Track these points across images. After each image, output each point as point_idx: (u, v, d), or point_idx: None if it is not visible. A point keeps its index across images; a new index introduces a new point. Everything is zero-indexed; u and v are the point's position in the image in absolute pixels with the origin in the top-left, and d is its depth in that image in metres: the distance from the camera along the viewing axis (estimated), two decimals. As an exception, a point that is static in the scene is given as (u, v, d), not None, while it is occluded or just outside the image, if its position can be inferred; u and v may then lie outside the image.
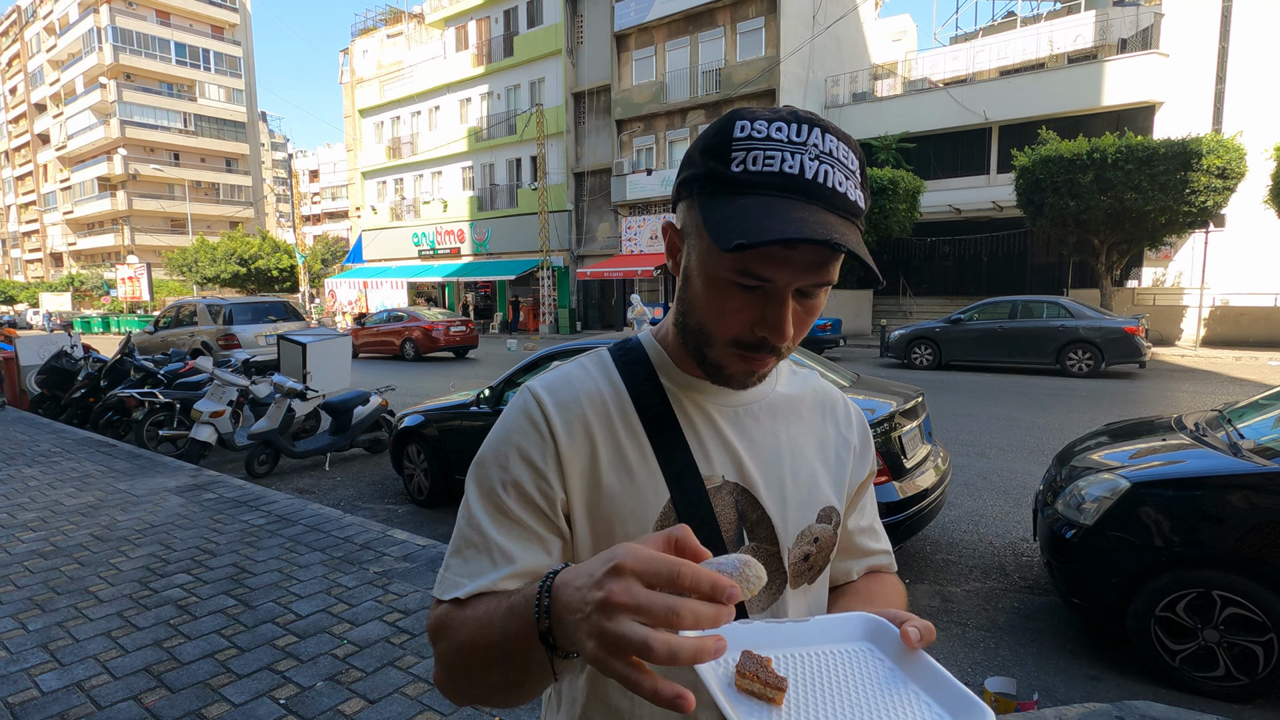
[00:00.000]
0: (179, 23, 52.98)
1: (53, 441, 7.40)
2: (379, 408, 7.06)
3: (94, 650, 2.97)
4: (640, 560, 0.48)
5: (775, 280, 0.65)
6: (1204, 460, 2.99)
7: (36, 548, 4.23)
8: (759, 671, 0.55)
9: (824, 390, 0.87)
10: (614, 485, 0.73)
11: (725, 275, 0.66)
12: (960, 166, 21.43)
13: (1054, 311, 12.35)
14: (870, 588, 0.86)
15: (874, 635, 0.65)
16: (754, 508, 0.76)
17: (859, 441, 0.86)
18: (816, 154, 0.64)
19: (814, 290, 0.68)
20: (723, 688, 0.55)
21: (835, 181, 0.64)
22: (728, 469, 0.75)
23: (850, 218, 0.66)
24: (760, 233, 0.60)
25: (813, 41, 22.27)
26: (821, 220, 0.62)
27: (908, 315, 20.94)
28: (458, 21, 30.11)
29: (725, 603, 0.46)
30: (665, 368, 0.78)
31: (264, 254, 36.18)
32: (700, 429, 0.76)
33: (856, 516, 0.87)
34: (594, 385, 0.76)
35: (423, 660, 2.85)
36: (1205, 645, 2.73)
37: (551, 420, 0.73)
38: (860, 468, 0.86)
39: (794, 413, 0.82)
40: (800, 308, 0.68)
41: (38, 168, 62.10)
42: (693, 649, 0.45)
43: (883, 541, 0.90)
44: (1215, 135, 14.45)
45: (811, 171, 0.63)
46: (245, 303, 13.84)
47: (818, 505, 0.79)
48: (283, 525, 4.57)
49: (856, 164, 0.67)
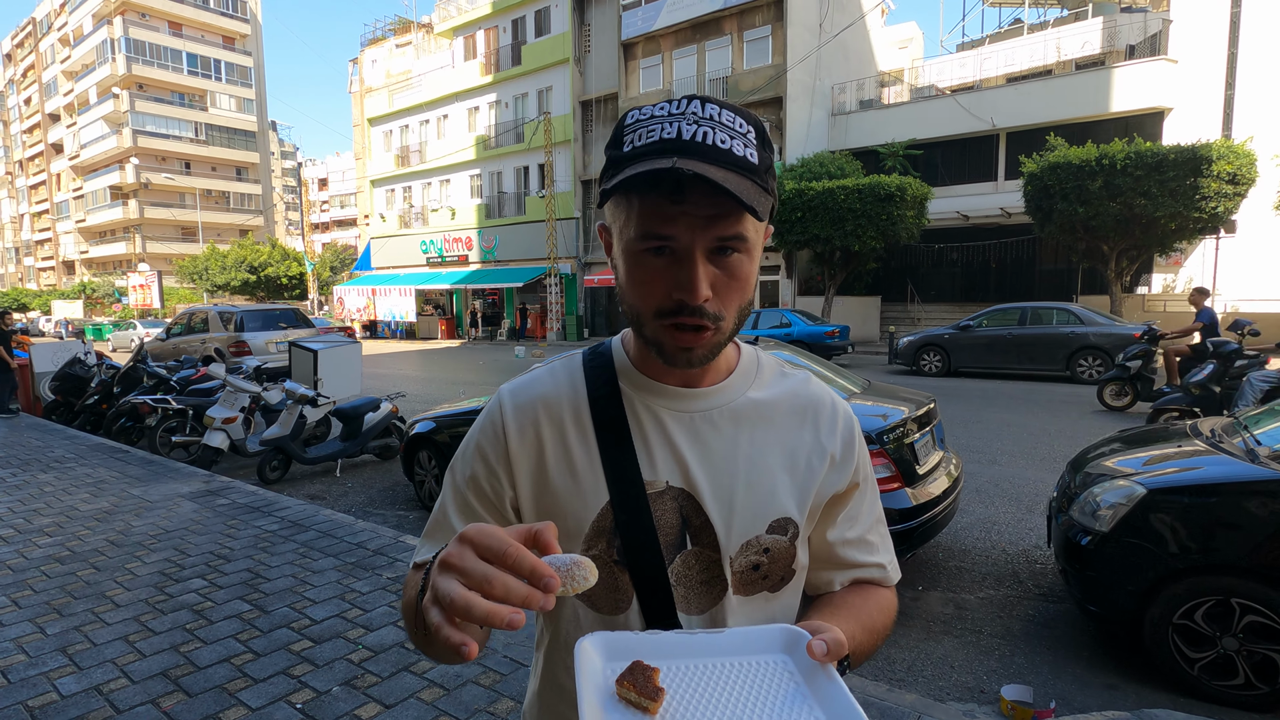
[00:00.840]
0: (191, 34, 53.59)
1: (67, 447, 7.46)
2: (389, 414, 7.09)
3: (112, 654, 2.99)
4: (480, 534, 0.52)
5: (676, 238, 0.67)
6: (1221, 467, 2.97)
7: (53, 552, 4.26)
8: (637, 681, 0.58)
9: (810, 395, 0.84)
10: (559, 484, 0.78)
11: (635, 248, 0.70)
12: (968, 173, 21.41)
13: (1064, 318, 12.30)
14: (844, 598, 0.83)
15: (791, 647, 0.64)
16: (698, 514, 0.76)
17: (840, 450, 0.82)
18: (695, 119, 0.68)
19: (726, 249, 0.69)
20: (599, 694, 0.58)
21: (717, 140, 0.67)
22: (672, 474, 0.77)
23: (740, 171, 0.67)
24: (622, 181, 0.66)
25: (819, 49, 22.33)
26: (717, 175, 0.64)
27: (916, 322, 20.88)
28: (466, 31, 30.36)
29: (541, 588, 0.50)
30: (626, 372, 0.81)
31: (273, 262, 36.43)
32: (650, 434, 0.78)
33: (842, 528, 0.84)
34: (555, 388, 0.81)
35: (438, 666, 2.85)
36: (1224, 653, 2.71)
37: (507, 421, 0.80)
38: (837, 478, 0.82)
39: (764, 419, 0.80)
40: (719, 271, 0.69)
41: (51, 177, 62.80)
42: (484, 609, 0.49)
43: (877, 554, 0.86)
44: (1225, 141, 14.39)
45: (689, 134, 0.66)
46: (256, 310, 13.94)
47: (770, 516, 0.77)
48: (296, 531, 4.60)
49: (747, 127, 0.69)
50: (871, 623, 0.80)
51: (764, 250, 0.77)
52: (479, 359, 19.69)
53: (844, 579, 0.85)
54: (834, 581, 0.85)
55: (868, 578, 0.86)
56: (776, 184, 0.75)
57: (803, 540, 0.81)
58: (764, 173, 0.69)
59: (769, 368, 0.85)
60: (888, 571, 0.87)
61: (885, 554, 0.87)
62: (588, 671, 0.60)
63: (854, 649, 0.73)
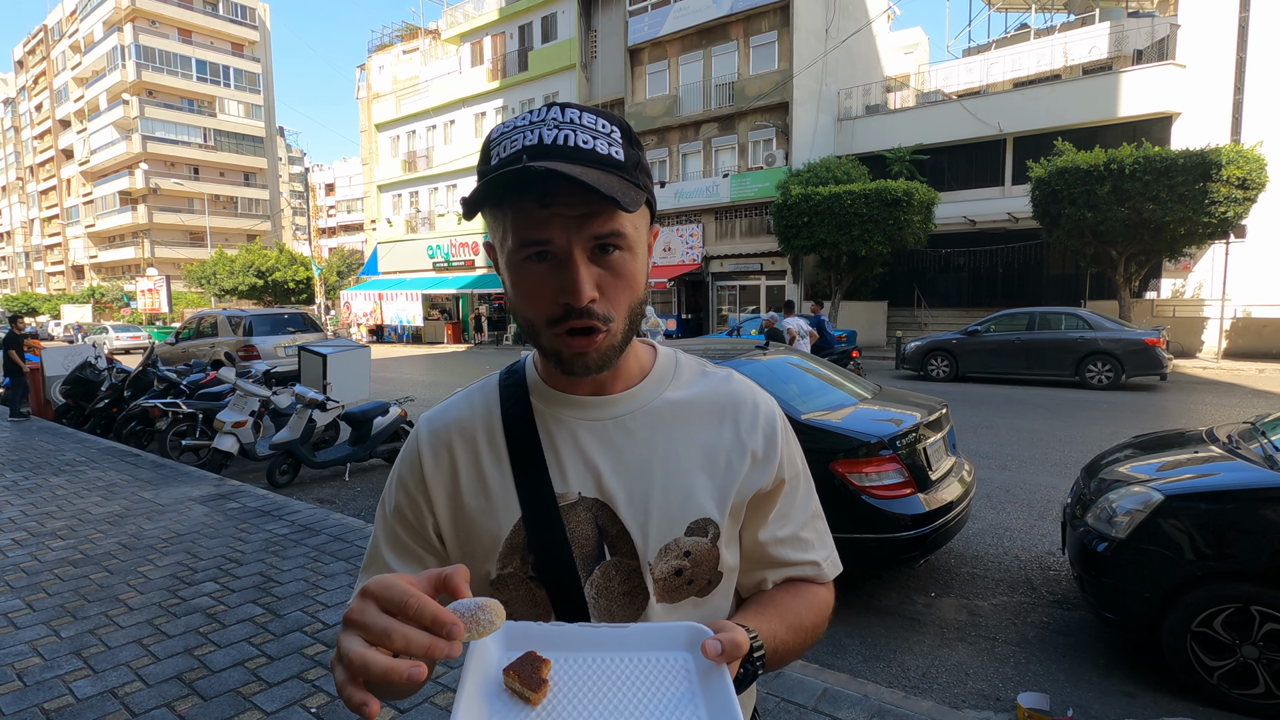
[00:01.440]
0: (200, 40, 54.03)
1: (77, 451, 7.50)
2: (398, 418, 7.10)
3: (126, 658, 3.00)
4: (382, 587, 0.53)
5: (553, 240, 0.67)
6: (1239, 473, 2.95)
7: (66, 555, 4.28)
8: (523, 671, 0.58)
9: (730, 393, 0.82)
10: (472, 505, 0.78)
11: (516, 258, 0.70)
12: (974, 178, 21.36)
13: (1073, 323, 12.24)
14: (772, 596, 0.81)
15: (693, 645, 0.63)
16: (613, 523, 0.76)
17: (762, 447, 0.80)
18: (556, 124, 0.68)
19: (606, 247, 0.68)
20: (486, 683, 0.59)
21: (578, 140, 0.67)
22: (585, 485, 0.76)
23: (603, 167, 0.67)
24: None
25: (826, 55, 22.35)
26: (575, 171, 0.64)
27: (923, 327, 20.81)
28: (473, 37, 30.52)
29: (445, 636, 0.51)
30: (537, 387, 0.81)
31: (281, 266, 36.60)
32: (561, 447, 0.77)
33: (773, 527, 0.82)
34: (470, 411, 0.82)
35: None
36: (1244, 662, 2.68)
37: (422, 448, 0.81)
38: (760, 476, 0.79)
39: (680, 419, 0.79)
40: (603, 271, 0.69)
41: (61, 182, 63.31)
42: (381, 667, 0.50)
43: (811, 551, 0.84)
44: (1235, 146, 14.32)
45: (550, 138, 0.67)
46: (264, 314, 14.00)
47: (689, 517, 0.76)
48: (306, 535, 4.60)
49: (610, 128, 0.70)
50: (799, 621, 0.78)
51: (769, 255, 0.77)
52: (485, 363, 19.74)
53: (776, 578, 0.83)
54: (767, 581, 0.83)
55: (801, 575, 0.84)
56: (650, 182, 0.74)
57: (727, 541, 0.79)
58: (632, 168, 0.69)
59: (688, 368, 0.84)
60: (822, 569, 0.85)
61: (820, 550, 0.85)
62: (479, 659, 0.60)
63: (776, 648, 0.73)
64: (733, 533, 0.80)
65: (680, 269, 23.91)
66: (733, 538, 0.81)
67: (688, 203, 23.99)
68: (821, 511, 0.87)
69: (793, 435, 0.85)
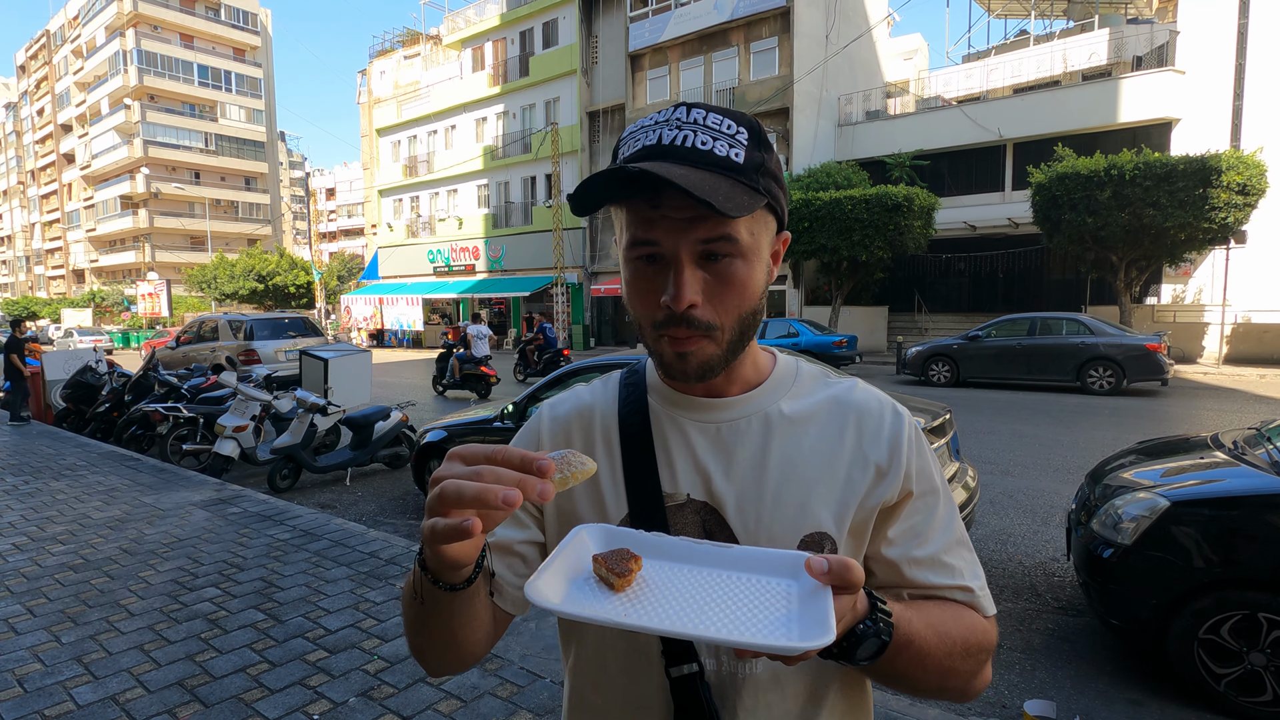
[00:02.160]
0: (202, 45, 54.21)
1: (78, 455, 7.49)
2: (400, 423, 7.09)
3: (127, 664, 2.98)
4: (466, 447, 0.55)
5: (661, 243, 0.67)
6: (1246, 479, 2.94)
7: (67, 560, 4.26)
8: (611, 560, 0.58)
9: (854, 403, 0.78)
10: (581, 495, 0.78)
11: (629, 256, 0.70)
12: (975, 183, 21.40)
13: (1074, 328, 12.25)
14: (914, 600, 0.74)
15: (798, 573, 0.59)
16: (721, 528, 0.74)
17: (886, 461, 0.74)
18: (678, 124, 0.68)
19: (714, 253, 0.67)
20: (570, 565, 0.59)
21: (696, 142, 0.67)
22: (694, 487, 0.75)
23: (718, 170, 0.66)
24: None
25: (826, 61, 22.42)
26: (674, 173, 0.63)
27: (923, 332, 20.82)
28: (474, 43, 30.61)
29: (535, 471, 0.51)
30: (654, 386, 0.81)
31: (281, 271, 36.65)
32: (673, 447, 0.77)
33: (906, 545, 0.75)
34: (590, 402, 0.83)
35: (453, 677, 2.83)
36: (1252, 669, 2.67)
37: (543, 430, 0.83)
38: (882, 490, 0.74)
39: (798, 428, 0.76)
40: (710, 276, 0.68)
41: (62, 186, 63.42)
42: (475, 490, 0.50)
43: (957, 577, 0.74)
44: (1235, 152, 14.35)
45: (669, 139, 0.67)
46: (265, 318, 14.00)
47: (802, 531, 0.72)
48: (308, 540, 4.59)
49: (737, 129, 0.69)
50: (943, 626, 0.70)
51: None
52: (486, 368, 19.69)
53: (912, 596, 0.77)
54: (902, 597, 0.76)
55: (950, 599, 0.75)
56: (779, 187, 0.72)
57: (873, 555, 0.75)
58: (751, 171, 0.67)
59: (809, 376, 0.81)
60: (976, 597, 0.75)
61: (971, 579, 0.75)
62: (572, 549, 0.60)
63: (909, 635, 0.65)
64: (853, 552, 0.75)
65: (681, 274, 23.94)
66: (853, 558, 0.75)
67: (688, 208, 24.00)
68: (969, 541, 0.78)
69: (927, 449, 0.78)
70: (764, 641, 0.52)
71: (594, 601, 0.56)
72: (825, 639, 0.51)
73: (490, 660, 2.95)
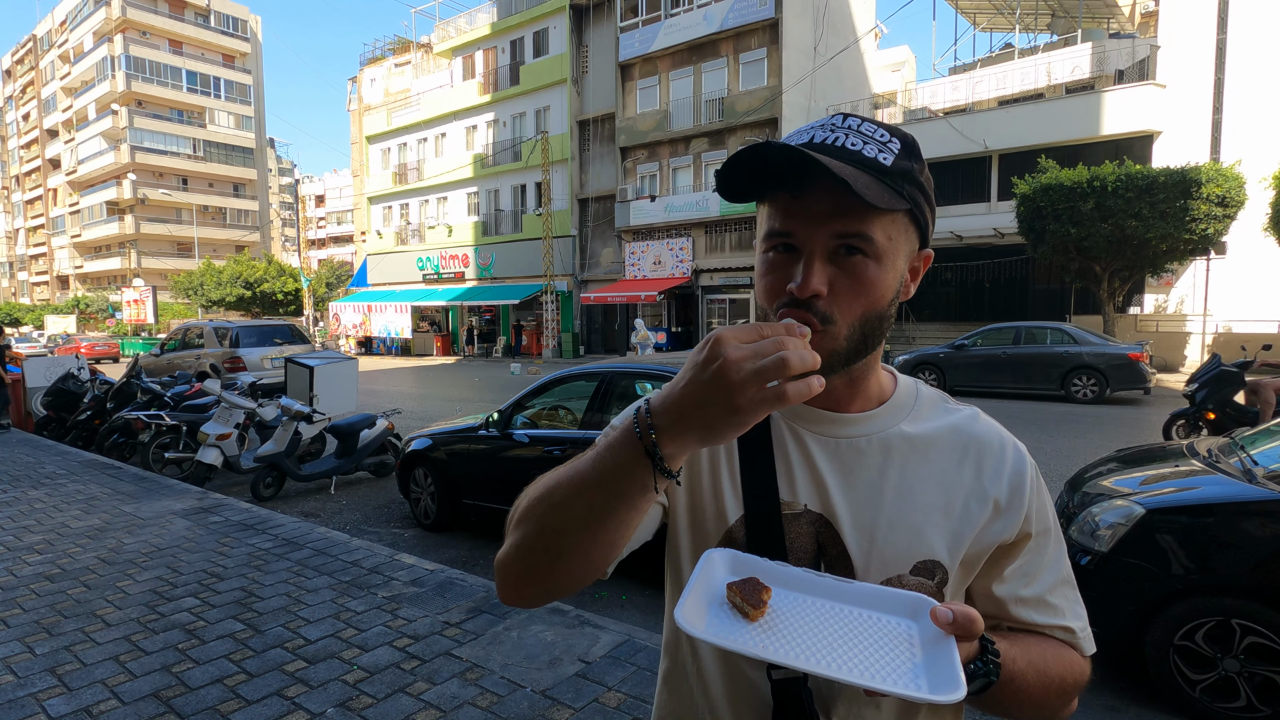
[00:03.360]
0: (191, 52, 53.99)
1: (58, 463, 7.39)
2: (385, 431, 7.06)
3: (102, 675, 2.94)
4: (732, 329, 0.56)
5: (794, 233, 0.69)
6: (1219, 487, 2.98)
7: (43, 570, 4.21)
8: (745, 590, 0.61)
9: (975, 434, 0.77)
10: (705, 488, 0.80)
11: (763, 248, 0.72)
12: (961, 194, 21.63)
13: (1058, 338, 12.38)
14: (1016, 634, 0.75)
15: (917, 614, 0.63)
16: (835, 542, 0.74)
17: (1006, 496, 0.74)
18: (832, 127, 0.70)
19: (849, 249, 0.68)
20: (708, 594, 0.62)
21: (847, 143, 0.68)
22: (811, 498, 0.75)
23: (863, 168, 0.66)
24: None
25: (814, 72, 22.63)
26: (819, 158, 0.63)
27: (911, 340, 20.97)
28: (465, 51, 30.68)
29: (799, 335, 0.55)
30: None
31: (269, 278, 36.43)
32: (791, 455, 0.77)
33: (1014, 584, 0.75)
34: None
35: (434, 686, 2.82)
36: (1226, 675, 2.70)
37: None
38: (1002, 527, 0.74)
39: (917, 453, 0.75)
40: (839, 271, 0.68)
41: (47, 192, 62.81)
42: (799, 353, 0.53)
43: (1059, 616, 0.76)
44: (1214, 164, 14.60)
45: (821, 139, 0.69)
46: (251, 326, 13.92)
47: (915, 556, 0.72)
48: (290, 549, 4.55)
49: (889, 137, 0.70)
50: (1043, 663, 0.72)
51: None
52: (474, 376, 19.66)
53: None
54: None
55: (1052, 637, 0.77)
56: (924, 198, 0.71)
57: (955, 591, 0.75)
58: (898, 176, 0.68)
59: (929, 401, 0.80)
60: (1077, 637, 0.77)
61: (1073, 619, 0.77)
62: (705, 574, 0.64)
63: (1012, 672, 0.68)
64: (963, 584, 0.76)
65: (670, 282, 24.00)
66: (961, 589, 0.76)
67: (678, 216, 24.12)
68: (1074, 578, 0.79)
69: (1044, 487, 0.78)
70: (897, 690, 0.55)
71: (736, 632, 0.59)
72: (956, 694, 0.54)
73: (470, 670, 2.94)
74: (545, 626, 3.33)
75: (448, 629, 3.34)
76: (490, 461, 5.12)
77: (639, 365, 4.85)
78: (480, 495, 5.23)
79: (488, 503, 5.19)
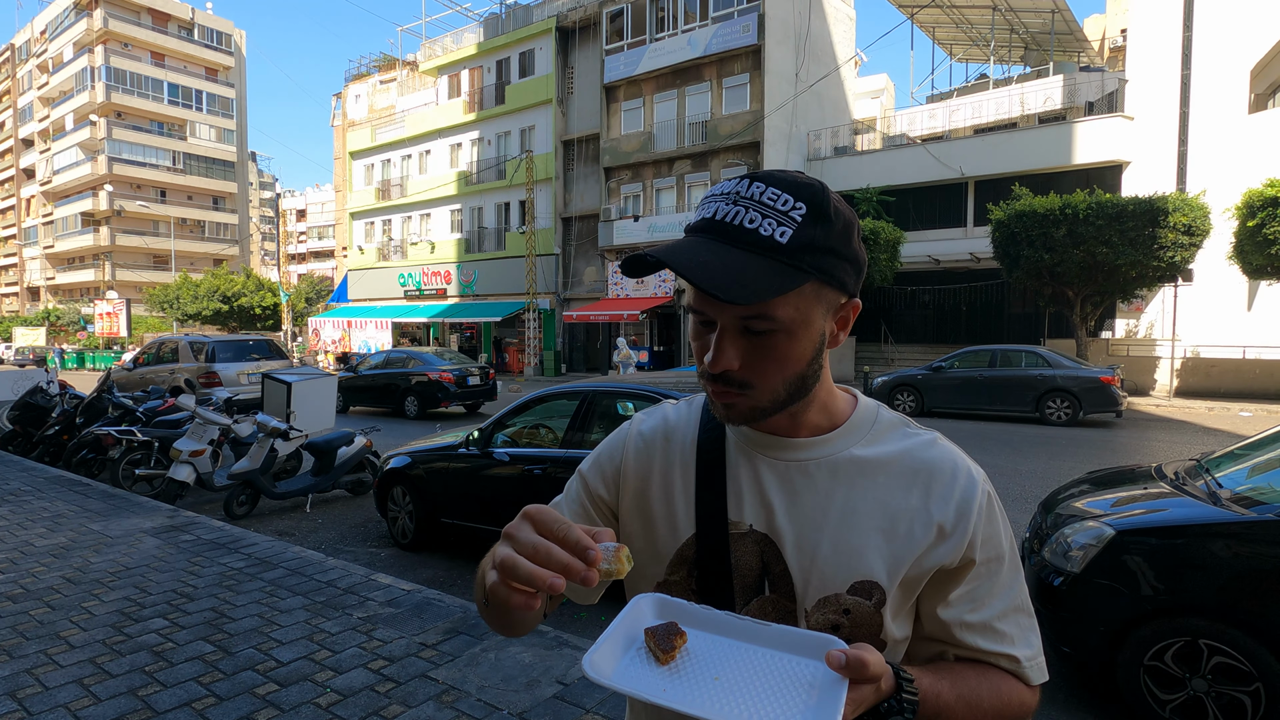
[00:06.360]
0: (173, 64, 53.67)
1: (23, 480, 7.20)
2: (363, 449, 6.98)
3: (65, 699, 2.86)
4: (540, 512, 0.62)
5: (705, 311, 0.74)
6: (1185, 509, 3.05)
7: (5, 590, 4.08)
8: (659, 635, 0.65)
9: (927, 459, 0.78)
10: (655, 508, 0.85)
11: (689, 316, 0.77)
12: (938, 219, 22.06)
13: (1032, 361, 12.60)
14: (951, 664, 0.76)
15: (823, 654, 0.64)
16: (778, 561, 0.77)
17: (951, 524, 0.75)
18: (734, 198, 0.71)
19: (757, 327, 0.71)
20: (625, 636, 0.66)
21: (745, 220, 0.70)
22: (757, 518, 0.79)
23: (754, 251, 0.69)
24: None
25: (795, 98, 23.06)
26: (716, 254, 0.69)
27: (890, 362, 21.21)
28: (451, 70, 30.84)
29: (585, 560, 0.58)
30: None
31: (247, 292, 35.99)
32: (742, 477, 0.81)
33: (959, 608, 0.75)
34: (677, 422, 0.88)
35: (408, 710, 2.77)
36: (1194, 695, 2.74)
37: (629, 440, 0.89)
38: (943, 551, 0.74)
39: (865, 476, 0.77)
40: (751, 345, 0.72)
41: (20, 202, 61.72)
42: (527, 570, 0.58)
43: (1005, 644, 0.75)
44: (1180, 194, 15.07)
45: (723, 214, 0.71)
46: (228, 340, 13.72)
47: (853, 576, 0.74)
48: (263, 568, 4.47)
49: (793, 204, 0.69)
50: (975, 696, 0.72)
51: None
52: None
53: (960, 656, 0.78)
54: (948, 656, 0.78)
55: (994, 666, 0.76)
56: (835, 262, 0.72)
57: (894, 611, 0.76)
58: (797, 252, 0.68)
59: (888, 425, 0.81)
60: (1022, 666, 0.76)
61: (1021, 648, 0.76)
62: (630, 619, 0.67)
63: (938, 709, 0.69)
64: (903, 604, 0.76)
65: (652, 302, 24.10)
66: (903, 610, 0.77)
67: (661, 236, 24.25)
68: (1030, 608, 0.79)
69: (998, 514, 0.78)
70: None
71: (641, 677, 0.63)
72: None
73: (446, 692, 2.90)
74: (523, 648, 3.30)
75: (424, 650, 3.30)
76: (470, 480, 5.08)
77: (621, 385, 4.87)
78: (460, 514, 5.19)
79: (467, 522, 5.15)
